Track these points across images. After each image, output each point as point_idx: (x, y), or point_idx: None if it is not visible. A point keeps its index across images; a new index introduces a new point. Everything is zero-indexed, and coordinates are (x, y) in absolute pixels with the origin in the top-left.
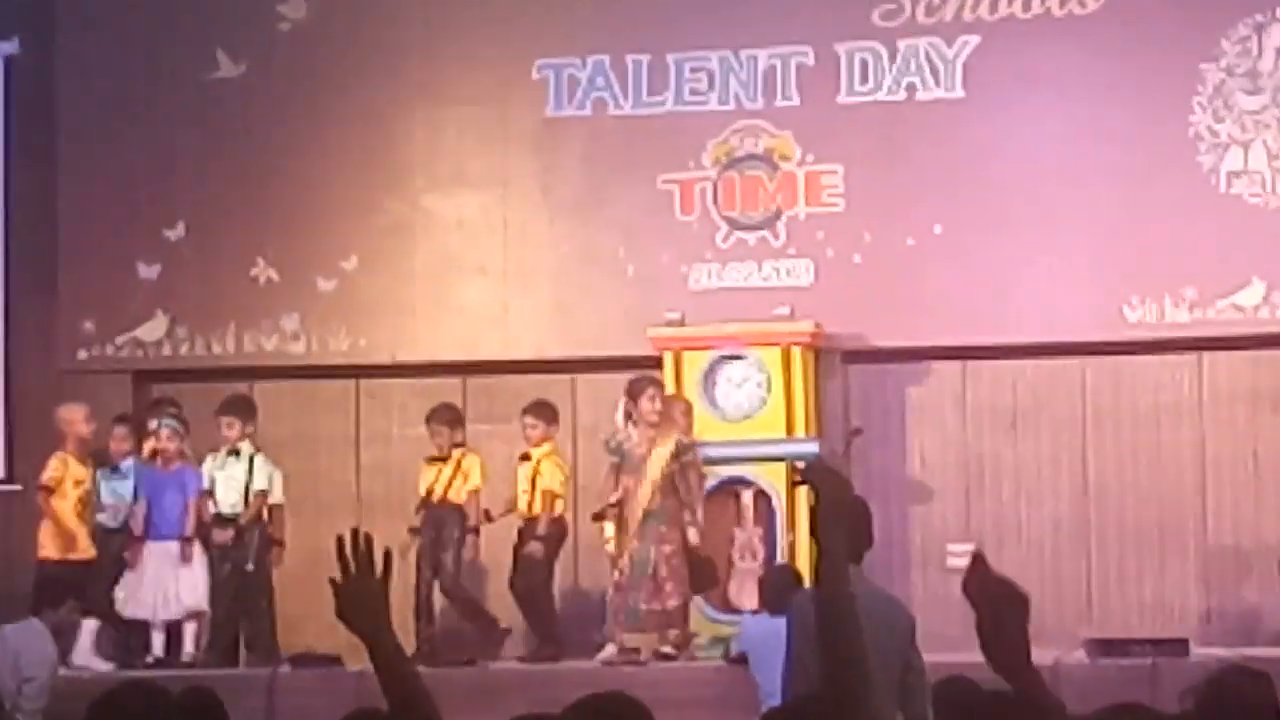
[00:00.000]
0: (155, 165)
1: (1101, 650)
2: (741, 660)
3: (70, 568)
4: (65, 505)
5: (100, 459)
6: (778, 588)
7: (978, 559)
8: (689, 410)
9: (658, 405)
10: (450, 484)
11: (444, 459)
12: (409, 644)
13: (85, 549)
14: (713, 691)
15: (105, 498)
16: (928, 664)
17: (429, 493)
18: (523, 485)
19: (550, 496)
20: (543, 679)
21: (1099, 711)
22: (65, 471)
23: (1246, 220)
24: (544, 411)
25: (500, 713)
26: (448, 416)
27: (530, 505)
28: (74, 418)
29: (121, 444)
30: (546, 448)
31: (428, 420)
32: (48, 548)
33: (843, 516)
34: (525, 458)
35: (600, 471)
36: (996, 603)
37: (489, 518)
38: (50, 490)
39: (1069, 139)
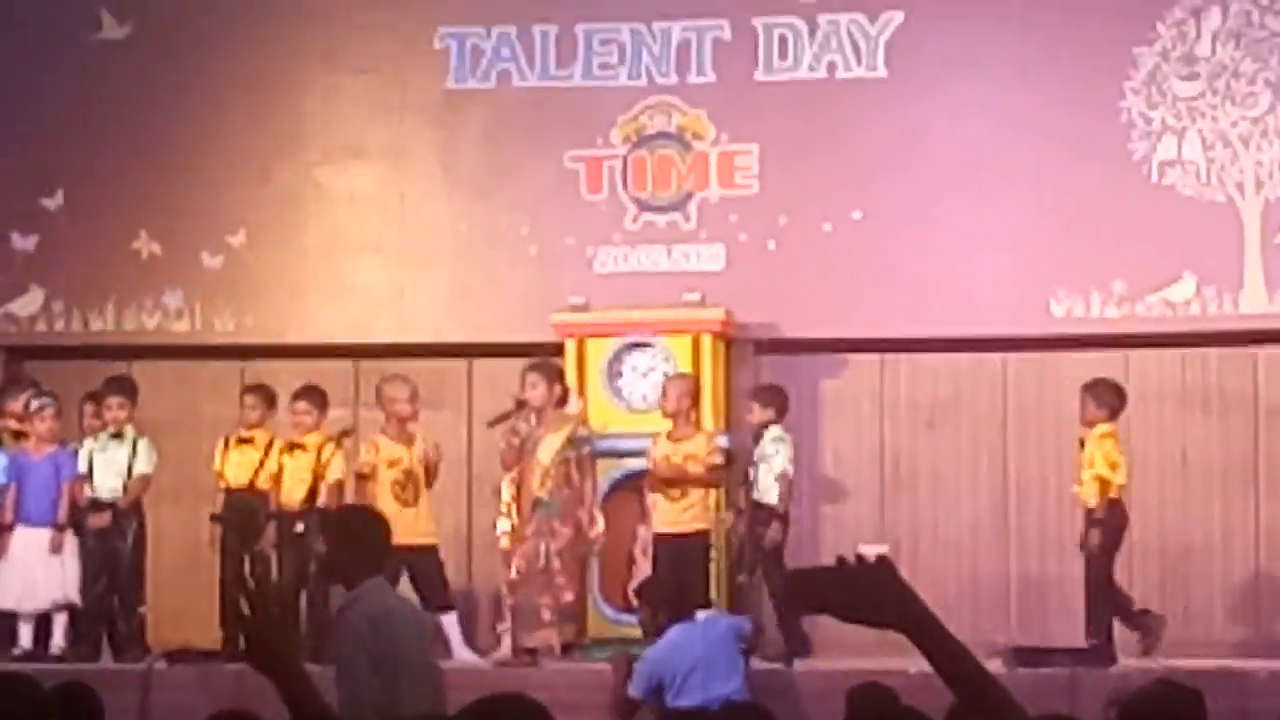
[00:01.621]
0: (33, 129)
1: (1020, 660)
2: None
3: None
4: (380, 488)
5: None
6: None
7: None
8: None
9: (539, 391)
10: (259, 469)
11: (250, 441)
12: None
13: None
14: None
15: None
16: (840, 670)
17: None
18: (301, 474)
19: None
20: None
21: None
22: (377, 456)
23: (1179, 212)
24: (315, 396)
25: None
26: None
27: (313, 495)
28: (397, 395)
29: None
30: (315, 437)
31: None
32: None
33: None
34: (298, 447)
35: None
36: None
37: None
38: (365, 477)
39: (995, 123)
